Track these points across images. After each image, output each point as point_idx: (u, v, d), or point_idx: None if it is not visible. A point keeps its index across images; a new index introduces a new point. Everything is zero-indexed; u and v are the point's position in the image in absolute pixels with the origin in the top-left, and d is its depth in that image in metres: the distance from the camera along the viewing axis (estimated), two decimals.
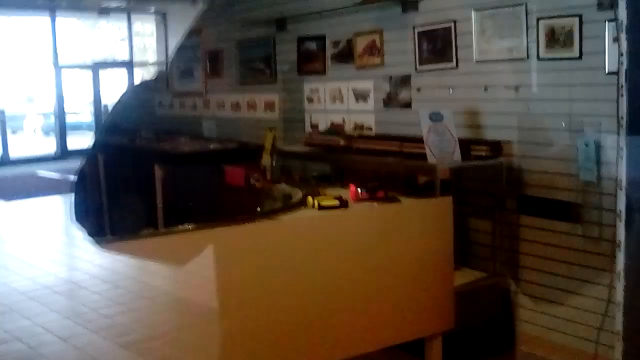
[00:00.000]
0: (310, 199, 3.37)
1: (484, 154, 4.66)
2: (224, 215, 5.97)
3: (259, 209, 3.81)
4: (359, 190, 3.53)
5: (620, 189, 2.45)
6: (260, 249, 2.98)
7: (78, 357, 2.61)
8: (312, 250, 3.09)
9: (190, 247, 2.86)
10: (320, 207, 3.28)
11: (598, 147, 4.22)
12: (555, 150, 4.46)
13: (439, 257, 3.53)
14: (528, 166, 4.61)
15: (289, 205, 3.43)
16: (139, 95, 9.30)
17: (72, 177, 7.08)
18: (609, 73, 4.08)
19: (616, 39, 3.98)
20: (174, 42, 8.67)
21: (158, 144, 7.77)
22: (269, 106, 7.04)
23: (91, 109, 10.09)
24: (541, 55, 4.46)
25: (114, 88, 9.98)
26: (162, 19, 9.13)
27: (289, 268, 3.03)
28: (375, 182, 3.62)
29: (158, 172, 6.88)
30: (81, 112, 11.49)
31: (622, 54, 2.36)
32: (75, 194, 6.15)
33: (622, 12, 2.36)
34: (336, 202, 3.31)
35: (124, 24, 9.73)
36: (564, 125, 4.38)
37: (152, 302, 2.85)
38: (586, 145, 4.26)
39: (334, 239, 3.17)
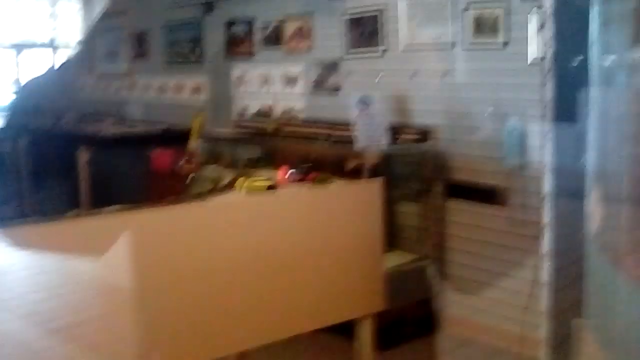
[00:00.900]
0: (239, 181, 3.33)
1: (412, 138, 4.70)
2: (150, 200, 5.88)
3: (187, 192, 3.75)
4: (289, 172, 3.51)
5: (547, 173, 2.50)
6: (187, 232, 2.94)
7: (6, 343, 2.55)
8: (240, 232, 3.07)
9: (115, 230, 2.79)
10: (250, 189, 3.25)
11: (523, 132, 4.31)
12: (482, 136, 4.53)
13: (368, 238, 3.54)
14: (455, 151, 4.68)
15: (217, 188, 3.39)
16: (59, 76, 9.05)
17: None
18: (533, 60, 4.18)
19: (541, 27, 4.09)
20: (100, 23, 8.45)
21: (82, 127, 7.58)
22: (197, 89, 6.96)
23: (14, 90, 9.75)
24: (468, 42, 4.53)
25: (36, 69, 9.67)
26: None
27: (216, 251, 3.00)
28: (311, 163, 3.60)
29: (82, 155, 6.71)
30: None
31: (548, 41, 2.41)
32: None
33: (549, 0, 2.40)
34: (266, 184, 3.28)
35: (47, 2, 9.42)
36: (489, 110, 4.45)
37: (79, 287, 2.78)
38: (511, 131, 4.34)
39: (264, 221, 3.15)
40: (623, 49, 2.21)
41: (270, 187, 3.30)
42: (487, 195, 4.54)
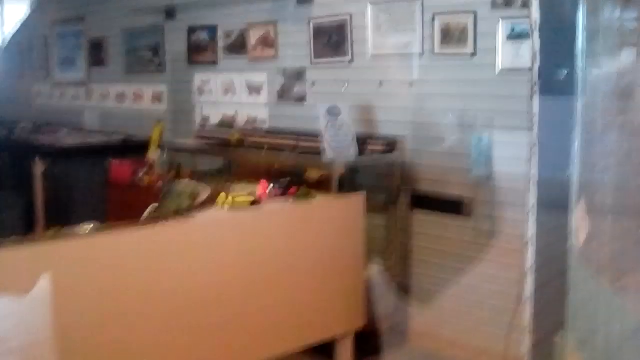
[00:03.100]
0: (221, 196, 3.24)
1: (379, 149, 4.66)
2: (110, 213, 5.74)
3: (158, 207, 3.64)
4: (269, 186, 3.43)
5: (531, 186, 2.47)
6: (170, 250, 2.85)
7: None
8: (224, 250, 2.98)
9: (91, 252, 2.68)
10: (234, 205, 3.16)
11: (490, 143, 4.29)
12: (449, 146, 4.51)
13: (351, 253, 3.48)
14: (422, 161, 4.65)
15: (200, 203, 3.29)
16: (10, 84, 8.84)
17: None
18: (502, 70, 4.18)
19: (510, 37, 4.09)
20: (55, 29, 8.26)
21: (37, 137, 7.39)
22: (157, 97, 6.83)
23: None
24: (436, 51, 4.50)
25: None
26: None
27: (199, 269, 2.91)
28: (286, 177, 3.54)
29: (37, 166, 6.53)
30: None
31: (534, 52, 2.38)
32: None
33: (536, 11, 2.38)
34: (250, 199, 3.20)
35: None
36: (454, 119, 4.44)
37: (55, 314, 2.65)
38: (479, 141, 4.33)
39: (247, 238, 3.07)
40: (607, 59, 2.19)
41: (254, 203, 3.22)
42: (453, 206, 4.52)
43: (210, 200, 3.28)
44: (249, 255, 3.06)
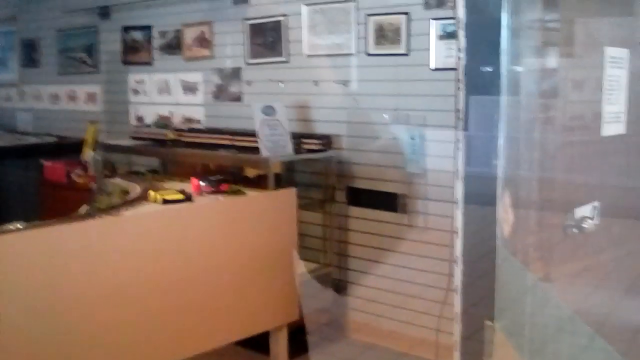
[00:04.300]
0: (152, 193, 3.25)
1: (315, 147, 4.73)
2: (44, 213, 5.67)
3: (90, 205, 3.62)
4: (202, 183, 3.45)
5: (457, 180, 2.56)
6: (101, 246, 2.84)
7: None
8: (156, 246, 2.99)
9: (22, 249, 2.66)
10: (165, 202, 3.17)
11: (423, 140, 4.40)
12: (383, 144, 4.60)
13: (284, 248, 3.53)
14: (357, 159, 4.73)
15: (130, 200, 3.29)
16: None
17: None
18: (434, 69, 4.29)
19: (442, 37, 4.20)
20: None
21: None
22: (91, 98, 6.77)
23: None
24: (370, 51, 4.59)
25: None
26: None
27: (131, 265, 2.91)
28: (214, 173, 3.56)
29: None
30: None
31: (460, 50, 2.47)
32: None
33: (461, 10, 2.46)
34: (181, 196, 3.22)
35: None
36: (386, 118, 4.53)
37: None
38: (412, 139, 4.43)
39: (179, 234, 3.09)
40: (530, 57, 2.29)
41: (187, 199, 3.23)
42: (387, 202, 4.61)
43: (141, 198, 3.29)
44: (180, 250, 3.07)
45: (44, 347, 2.68)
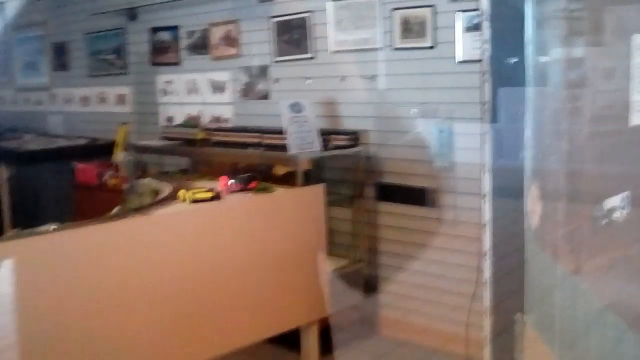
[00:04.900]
0: (182, 192, 3.27)
1: (343, 143, 4.72)
2: (77, 215, 5.73)
3: (121, 206, 3.65)
4: (230, 181, 3.46)
5: (485, 173, 2.53)
6: (132, 246, 2.87)
7: None
8: (186, 244, 3.01)
9: (56, 250, 2.69)
10: (194, 201, 3.19)
11: (451, 133, 4.37)
12: (411, 138, 4.58)
13: (312, 245, 3.53)
14: (385, 154, 4.72)
15: (159, 200, 3.31)
16: None
17: None
18: (461, 62, 4.26)
19: (468, 29, 4.17)
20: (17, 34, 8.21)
21: (1, 143, 7.33)
22: (121, 99, 6.82)
23: None
24: (396, 45, 4.57)
25: None
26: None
27: (161, 264, 2.93)
28: (243, 171, 3.57)
29: (2, 172, 6.49)
30: None
31: (485, 41, 2.44)
32: None
33: (485, 1, 2.44)
34: (209, 195, 3.23)
35: None
36: (414, 112, 4.50)
37: (17, 311, 2.66)
38: (440, 132, 4.40)
39: (209, 232, 3.10)
40: (556, 47, 2.26)
41: (215, 197, 3.25)
42: (417, 197, 4.59)
43: (171, 197, 3.30)
44: (211, 248, 3.09)
45: (75, 346, 2.71)
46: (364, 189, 4.80)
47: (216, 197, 3.25)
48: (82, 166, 6.02)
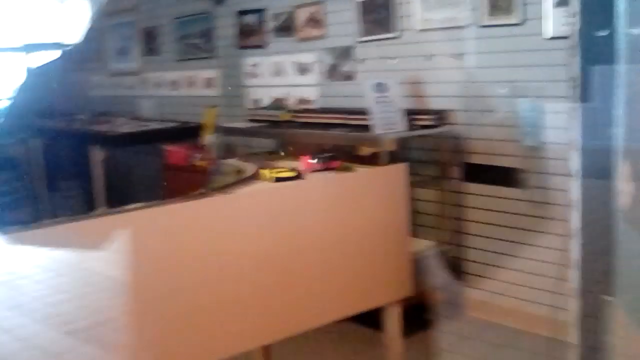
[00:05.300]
0: (264, 171, 3.30)
1: (428, 123, 4.66)
2: (166, 196, 5.87)
3: (208, 186, 3.72)
4: (312, 160, 3.47)
5: (573, 152, 2.45)
6: (215, 224, 2.91)
7: (25, 346, 2.52)
8: (268, 223, 3.03)
9: (139, 227, 2.77)
10: (276, 180, 3.21)
11: (540, 112, 4.26)
12: (499, 117, 4.49)
13: (395, 223, 3.50)
14: (472, 134, 4.64)
15: (243, 179, 3.35)
16: (61, 75, 9.04)
17: None
18: (549, 38, 4.14)
19: (558, 4, 4.04)
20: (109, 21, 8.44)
21: (95, 126, 7.57)
22: (209, 83, 6.93)
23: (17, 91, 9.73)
24: (483, 22, 4.47)
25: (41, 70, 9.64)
26: None
27: (244, 242, 2.97)
28: (328, 152, 3.57)
29: (96, 155, 6.70)
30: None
31: (574, 15, 2.35)
32: None
33: None
34: (292, 174, 3.25)
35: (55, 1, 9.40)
36: (504, 91, 4.41)
37: (97, 288, 2.75)
38: (529, 111, 4.30)
39: (290, 210, 3.11)
40: None
41: (297, 176, 3.27)
42: (505, 177, 4.50)
43: (254, 177, 3.34)
44: (292, 225, 3.10)
45: (162, 322, 2.77)
46: (450, 169, 4.74)
47: (298, 176, 3.27)
48: (171, 148, 6.15)
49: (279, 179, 3.22)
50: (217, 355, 2.96)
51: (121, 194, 6.44)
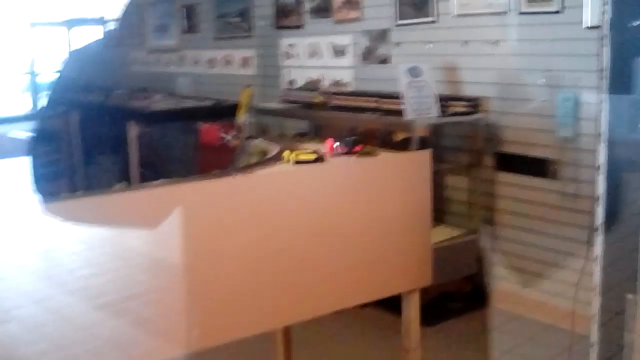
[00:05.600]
0: (286, 153, 3.28)
1: (462, 110, 4.60)
2: (198, 174, 5.89)
3: (232, 165, 3.71)
4: (336, 144, 3.44)
5: (600, 144, 2.38)
6: (234, 204, 2.90)
7: (56, 318, 2.55)
8: (288, 204, 3.02)
9: (163, 203, 2.77)
10: (297, 162, 3.20)
11: (577, 102, 4.18)
12: (534, 106, 4.41)
13: (416, 211, 3.46)
14: (506, 122, 4.57)
15: (264, 160, 3.34)
16: (103, 51, 9.12)
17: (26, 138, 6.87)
18: (589, 27, 4.04)
19: None
20: None
21: (132, 102, 7.62)
22: (246, 62, 6.93)
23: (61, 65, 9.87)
24: (522, 9, 4.39)
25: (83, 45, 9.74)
26: None
27: (263, 223, 2.96)
28: (353, 136, 3.53)
29: (132, 130, 6.75)
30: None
31: (606, 4, 2.28)
32: (34, 156, 5.97)
33: None
34: (313, 156, 3.22)
35: None
36: (541, 80, 4.33)
37: (128, 262, 2.76)
38: (565, 101, 4.21)
39: (311, 194, 3.10)
40: None
41: (318, 159, 3.24)
42: (538, 168, 4.43)
43: (275, 158, 3.32)
44: (311, 208, 3.08)
45: (182, 300, 2.78)
46: (482, 157, 4.67)
47: (319, 159, 3.24)
48: (206, 126, 6.15)
49: (299, 162, 3.20)
50: (238, 333, 2.96)
51: (154, 170, 6.48)
